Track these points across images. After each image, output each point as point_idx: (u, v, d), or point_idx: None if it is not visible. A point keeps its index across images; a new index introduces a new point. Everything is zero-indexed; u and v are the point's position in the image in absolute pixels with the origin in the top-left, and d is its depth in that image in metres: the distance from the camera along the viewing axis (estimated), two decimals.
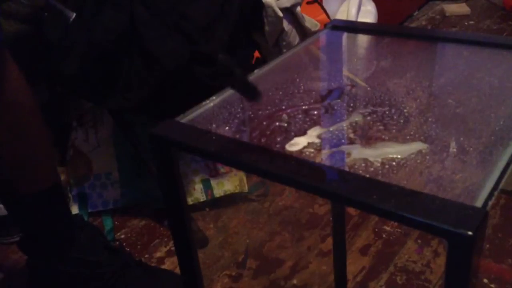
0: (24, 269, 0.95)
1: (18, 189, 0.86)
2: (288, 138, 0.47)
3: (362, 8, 1.84)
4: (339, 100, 0.53)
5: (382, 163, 0.42)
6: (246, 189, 1.25)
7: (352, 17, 1.77)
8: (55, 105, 1.26)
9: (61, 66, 0.98)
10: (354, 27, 0.72)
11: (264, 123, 0.50)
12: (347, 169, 0.42)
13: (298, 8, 1.42)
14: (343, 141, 0.46)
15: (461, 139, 0.45)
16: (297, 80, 0.59)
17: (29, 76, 0.81)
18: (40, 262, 0.92)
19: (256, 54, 1.39)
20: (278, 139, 0.47)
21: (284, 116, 0.50)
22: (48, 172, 0.89)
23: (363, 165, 0.42)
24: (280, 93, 0.55)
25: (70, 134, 1.29)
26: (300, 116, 0.50)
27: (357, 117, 0.49)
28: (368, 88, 0.56)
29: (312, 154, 0.44)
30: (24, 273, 0.96)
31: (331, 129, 0.48)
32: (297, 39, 1.48)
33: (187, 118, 0.50)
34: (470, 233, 0.31)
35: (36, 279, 0.93)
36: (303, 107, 0.52)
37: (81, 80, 1.00)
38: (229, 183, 1.24)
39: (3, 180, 0.85)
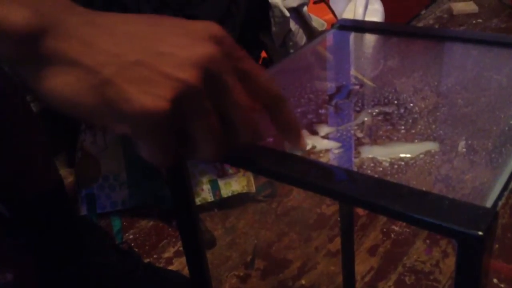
0: (33, 271, 0.96)
1: (18, 193, 0.86)
2: None
3: (369, 7, 1.83)
4: (347, 100, 0.53)
5: (391, 163, 0.41)
6: (253, 189, 1.26)
7: (359, 16, 1.77)
8: None
9: None
10: (361, 27, 0.72)
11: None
12: (355, 169, 0.42)
13: (305, 8, 1.42)
14: (351, 141, 0.46)
15: (470, 138, 0.45)
16: (305, 80, 0.59)
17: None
18: (49, 264, 0.92)
19: (263, 54, 1.40)
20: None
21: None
22: (46, 175, 0.90)
23: (371, 165, 0.42)
24: (288, 93, 0.55)
25: (78, 136, 1.30)
26: (307, 116, 0.50)
27: (365, 117, 0.49)
28: (376, 88, 0.56)
29: (320, 154, 0.44)
30: (33, 275, 0.96)
31: (339, 128, 0.48)
32: (304, 39, 1.47)
33: None
34: (480, 233, 0.31)
35: (45, 281, 0.94)
36: (311, 107, 0.52)
37: None
38: (237, 183, 1.24)
39: (2, 183, 0.85)
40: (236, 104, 0.36)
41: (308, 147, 0.44)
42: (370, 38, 0.70)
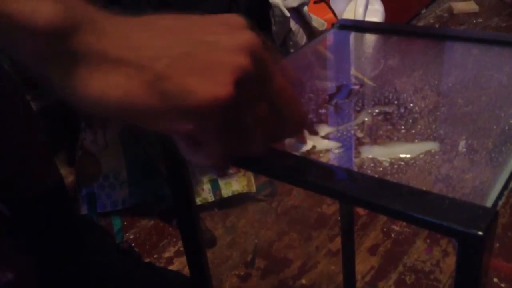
0: (33, 271, 0.96)
1: (18, 192, 0.86)
2: None
3: (369, 7, 1.83)
4: (347, 100, 0.53)
5: (391, 163, 0.42)
6: (254, 189, 1.26)
7: (359, 16, 1.77)
8: (63, 106, 1.26)
9: None
10: (361, 26, 0.72)
11: None
12: (355, 169, 0.42)
13: (305, 8, 1.42)
14: (351, 141, 0.46)
15: (471, 138, 0.45)
16: (305, 79, 0.59)
17: (37, 78, 0.82)
18: (49, 264, 0.92)
19: None
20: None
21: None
22: (47, 174, 0.90)
23: (372, 165, 0.42)
24: None
25: (78, 135, 1.30)
26: (308, 116, 0.50)
27: (365, 117, 0.49)
28: (376, 88, 0.56)
29: (320, 154, 0.44)
30: (33, 275, 0.96)
31: (339, 128, 0.48)
32: (304, 39, 1.47)
33: None
34: (480, 233, 0.31)
35: (45, 281, 0.94)
36: (311, 107, 0.52)
37: None
38: (237, 183, 1.25)
39: (2, 184, 0.85)
40: (282, 89, 0.35)
41: (308, 147, 0.44)
42: (370, 38, 0.70)
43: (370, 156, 0.43)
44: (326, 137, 0.46)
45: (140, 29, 0.32)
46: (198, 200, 1.22)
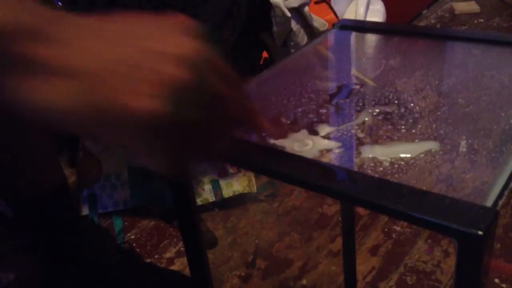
0: (35, 271, 0.96)
1: (22, 193, 0.86)
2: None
3: (370, 7, 1.83)
4: (347, 100, 0.53)
5: (392, 163, 0.42)
6: (255, 189, 1.26)
7: (360, 17, 1.77)
8: None
9: None
10: (362, 27, 0.72)
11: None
12: (356, 169, 0.42)
13: (306, 8, 1.42)
14: (352, 140, 0.46)
15: (471, 138, 0.45)
16: (306, 80, 0.59)
17: None
18: (50, 264, 0.93)
19: (264, 54, 1.40)
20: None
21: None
22: (51, 175, 0.90)
23: (372, 164, 0.42)
24: (289, 93, 0.55)
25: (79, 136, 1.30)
26: (308, 115, 0.50)
27: (366, 117, 0.49)
28: (377, 88, 0.56)
29: (321, 154, 0.44)
30: (35, 275, 0.96)
31: (340, 128, 0.48)
32: (305, 39, 1.47)
33: None
34: (480, 233, 0.31)
35: (46, 281, 0.94)
36: (312, 106, 0.52)
37: None
38: (238, 183, 1.25)
39: (6, 185, 0.85)
40: (229, 91, 0.35)
41: (309, 146, 0.44)
42: (371, 38, 0.70)
43: (370, 155, 0.43)
44: (326, 137, 0.46)
45: (87, 35, 0.32)
46: (199, 201, 1.22)
